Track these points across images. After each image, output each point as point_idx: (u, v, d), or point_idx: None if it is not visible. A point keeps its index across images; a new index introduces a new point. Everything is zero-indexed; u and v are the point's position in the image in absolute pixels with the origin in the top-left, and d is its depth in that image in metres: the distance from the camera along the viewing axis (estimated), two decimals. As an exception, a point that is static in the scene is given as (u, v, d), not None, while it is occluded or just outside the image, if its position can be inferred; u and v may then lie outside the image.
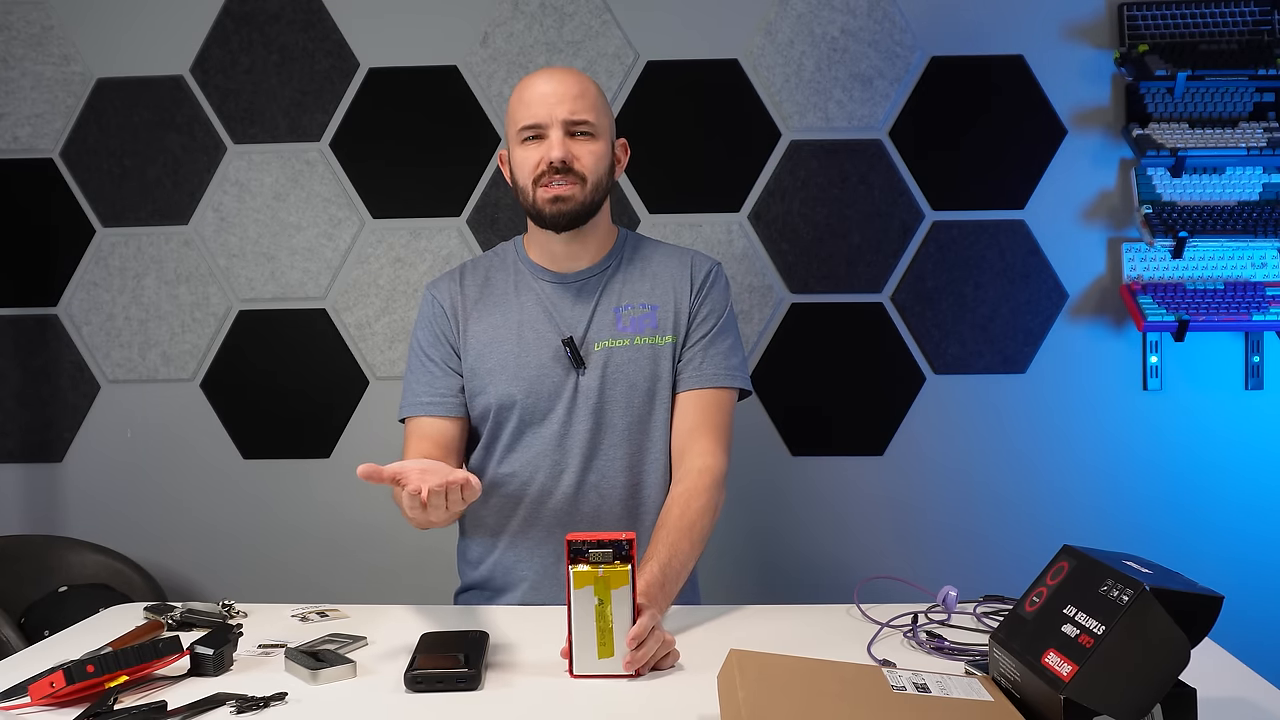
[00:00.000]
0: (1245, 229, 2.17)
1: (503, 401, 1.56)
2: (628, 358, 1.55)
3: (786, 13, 2.28)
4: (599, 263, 1.60)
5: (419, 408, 1.59)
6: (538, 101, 1.50)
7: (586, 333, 1.56)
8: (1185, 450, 2.27)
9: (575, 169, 1.50)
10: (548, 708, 1.12)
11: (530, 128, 1.51)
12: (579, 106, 1.50)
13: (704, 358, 1.57)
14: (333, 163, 2.34)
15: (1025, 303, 2.28)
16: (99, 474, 2.39)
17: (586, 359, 1.55)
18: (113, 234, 2.37)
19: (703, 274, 1.61)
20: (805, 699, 0.95)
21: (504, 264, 1.64)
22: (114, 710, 1.09)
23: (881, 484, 2.31)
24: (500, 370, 1.56)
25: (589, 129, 1.51)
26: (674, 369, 1.57)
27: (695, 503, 1.47)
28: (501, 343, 1.57)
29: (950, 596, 1.39)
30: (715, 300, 1.60)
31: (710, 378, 1.57)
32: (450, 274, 1.65)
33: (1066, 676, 0.91)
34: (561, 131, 1.50)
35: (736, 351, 1.61)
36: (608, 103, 1.59)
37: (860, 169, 2.28)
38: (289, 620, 1.43)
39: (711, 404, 1.56)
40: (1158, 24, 2.21)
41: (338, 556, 2.36)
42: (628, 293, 1.58)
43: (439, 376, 1.59)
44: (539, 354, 1.56)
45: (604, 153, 1.54)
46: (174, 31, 2.34)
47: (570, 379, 1.55)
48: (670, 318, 1.58)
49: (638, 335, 1.56)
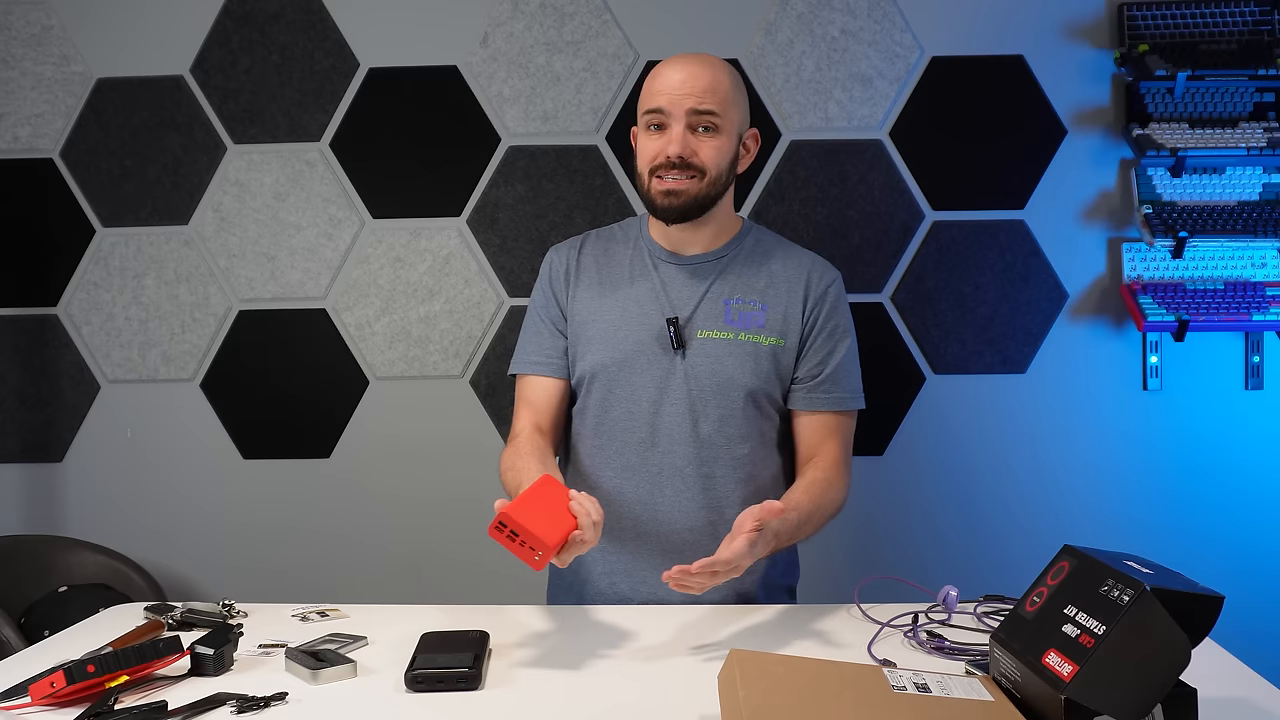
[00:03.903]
0: (1245, 229, 2.17)
1: (595, 370, 1.57)
2: (729, 350, 1.54)
3: (786, 13, 2.28)
4: (717, 250, 1.60)
5: (528, 365, 1.64)
6: (666, 90, 1.50)
7: (692, 318, 1.56)
8: (1185, 450, 2.27)
9: (694, 163, 1.50)
10: (548, 708, 1.12)
11: (654, 112, 1.51)
12: (707, 99, 1.49)
13: (834, 381, 1.57)
14: (333, 163, 2.34)
15: (1025, 303, 2.28)
16: (99, 474, 2.39)
17: (688, 343, 1.55)
18: (113, 234, 2.37)
19: (822, 285, 1.59)
20: (805, 699, 0.95)
21: (626, 238, 1.66)
22: (114, 710, 1.09)
23: (881, 484, 2.31)
24: (599, 340, 1.57)
25: (713, 122, 1.50)
26: (776, 373, 1.56)
27: (830, 495, 1.52)
28: (606, 312, 1.58)
29: (950, 596, 1.39)
30: (841, 316, 1.60)
31: (837, 401, 1.58)
32: (572, 241, 1.69)
33: (1067, 676, 0.91)
34: (684, 124, 1.49)
35: (857, 371, 1.62)
36: (743, 93, 1.56)
37: (860, 169, 2.28)
38: (289, 620, 1.43)
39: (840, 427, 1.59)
40: (1158, 24, 2.21)
41: (338, 556, 2.36)
42: (741, 286, 1.58)
43: (546, 337, 1.62)
44: (640, 330, 1.56)
45: (727, 147, 1.53)
46: (174, 31, 2.34)
47: (668, 360, 1.55)
48: (780, 320, 1.56)
49: (743, 331, 1.55)
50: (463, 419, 2.35)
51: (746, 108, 1.58)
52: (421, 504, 2.35)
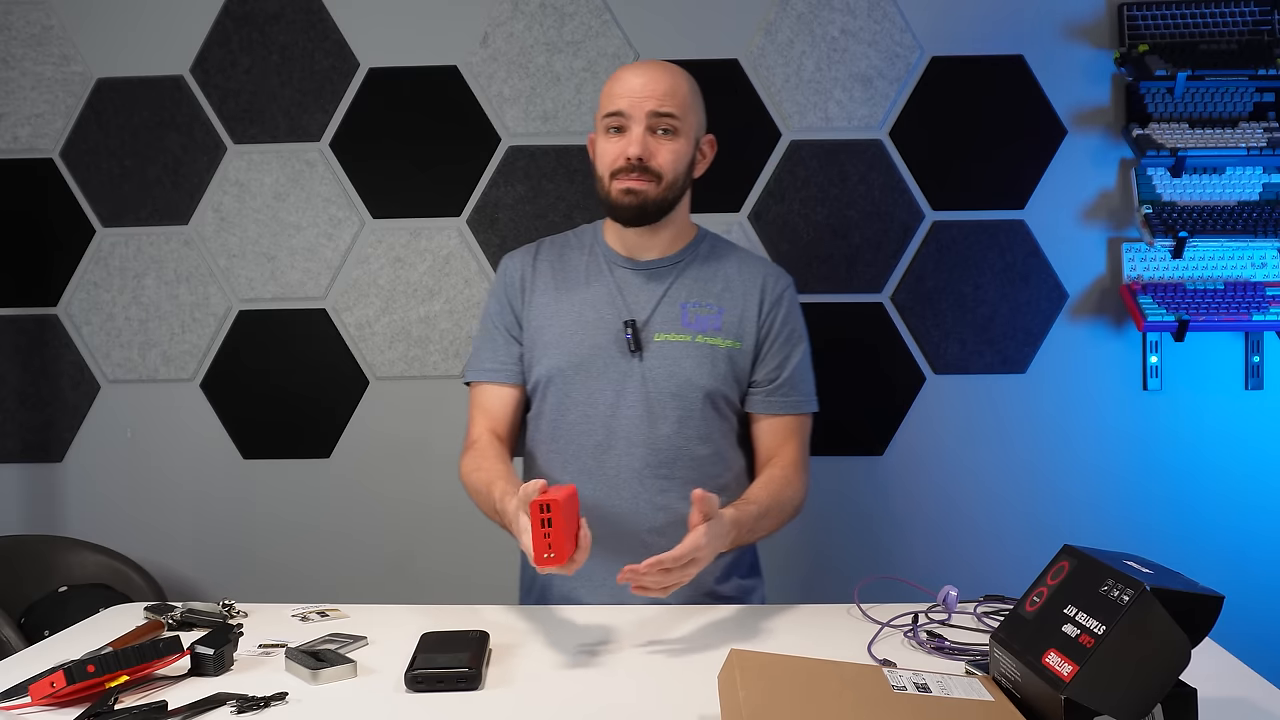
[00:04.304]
0: (1245, 229, 2.17)
1: (551, 374, 1.57)
2: (687, 353, 1.56)
3: (786, 13, 2.28)
4: (672, 255, 1.61)
5: (483, 373, 1.64)
6: (625, 93, 1.52)
7: (649, 321, 1.57)
8: (1185, 450, 2.27)
9: (652, 166, 1.51)
10: (548, 708, 1.12)
11: (614, 115, 1.52)
12: (667, 102, 1.51)
13: (791, 385, 1.60)
14: (333, 163, 2.34)
15: (1025, 303, 2.28)
16: (99, 474, 2.39)
17: (645, 347, 1.56)
18: (113, 234, 2.37)
19: (777, 290, 1.61)
20: (805, 699, 0.95)
21: (581, 244, 1.66)
22: (114, 710, 1.09)
23: (881, 484, 2.31)
24: (555, 344, 1.58)
25: (673, 124, 1.52)
26: (733, 375, 1.58)
27: (788, 493, 1.55)
28: (563, 317, 1.59)
29: (950, 596, 1.39)
30: (796, 321, 1.62)
31: (794, 405, 1.61)
32: (528, 247, 1.69)
33: (1067, 676, 0.91)
34: (644, 126, 1.51)
35: (811, 375, 1.64)
36: (700, 99, 1.59)
37: (860, 169, 2.28)
38: (289, 620, 1.43)
39: (798, 429, 1.61)
40: (1158, 24, 2.21)
41: (337, 556, 2.36)
42: (698, 290, 1.59)
43: (501, 345, 1.63)
44: (597, 334, 1.57)
45: (684, 151, 1.55)
46: (174, 31, 2.34)
47: (625, 363, 1.56)
48: (736, 323, 1.58)
49: (700, 334, 1.57)
50: (463, 419, 2.30)
51: (703, 114, 1.60)
52: (422, 504, 2.35)
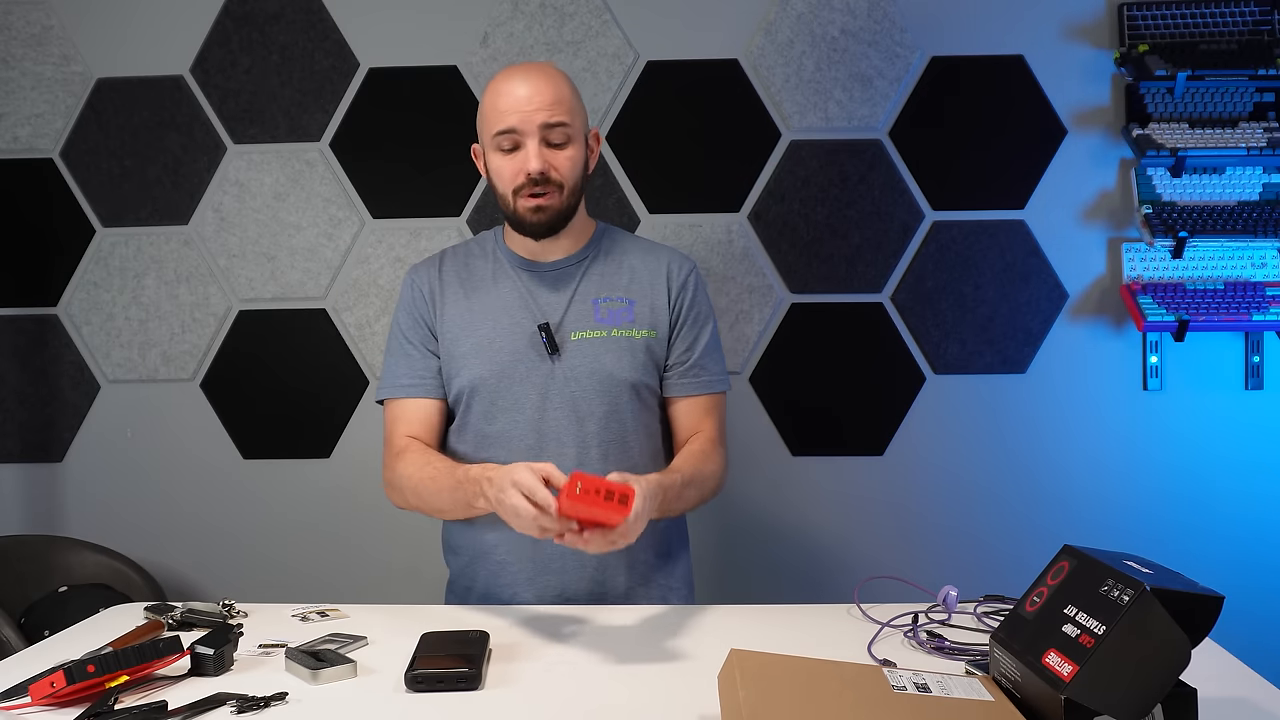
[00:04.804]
0: (1245, 229, 2.17)
1: (474, 384, 1.57)
2: (605, 347, 1.56)
3: (786, 13, 2.28)
4: (575, 254, 1.62)
5: (399, 390, 1.61)
6: (513, 108, 1.50)
7: (563, 321, 1.57)
8: (1185, 450, 2.27)
9: (553, 178, 1.51)
10: (548, 708, 1.12)
11: (507, 133, 1.51)
12: (556, 111, 1.50)
13: (701, 366, 1.62)
14: (333, 163, 2.34)
15: (1025, 303, 2.28)
16: (99, 474, 2.39)
17: (562, 347, 1.56)
18: (113, 234, 2.37)
19: (682, 275, 1.63)
20: (805, 699, 0.95)
21: (484, 251, 1.65)
22: (114, 710, 1.09)
23: (881, 484, 2.31)
24: (474, 354, 1.57)
25: (565, 133, 1.51)
26: (653, 363, 1.59)
27: (709, 466, 1.57)
28: (477, 327, 1.58)
29: (950, 596, 1.39)
30: (702, 304, 1.64)
31: (706, 384, 1.63)
32: (430, 260, 1.68)
33: (1067, 676, 0.91)
34: (538, 140, 1.50)
35: (721, 354, 1.67)
36: (579, 97, 1.58)
37: (860, 169, 2.28)
38: (289, 620, 1.42)
39: (714, 408, 1.64)
40: (1158, 24, 2.21)
41: (337, 556, 2.36)
42: (606, 285, 1.60)
43: (417, 359, 1.61)
44: (513, 339, 1.56)
45: (579, 156, 1.55)
46: (174, 31, 2.34)
47: (545, 366, 1.56)
48: (648, 313, 1.60)
49: (614, 327, 1.58)
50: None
51: (585, 108, 1.60)
52: (421, 504, 2.34)
